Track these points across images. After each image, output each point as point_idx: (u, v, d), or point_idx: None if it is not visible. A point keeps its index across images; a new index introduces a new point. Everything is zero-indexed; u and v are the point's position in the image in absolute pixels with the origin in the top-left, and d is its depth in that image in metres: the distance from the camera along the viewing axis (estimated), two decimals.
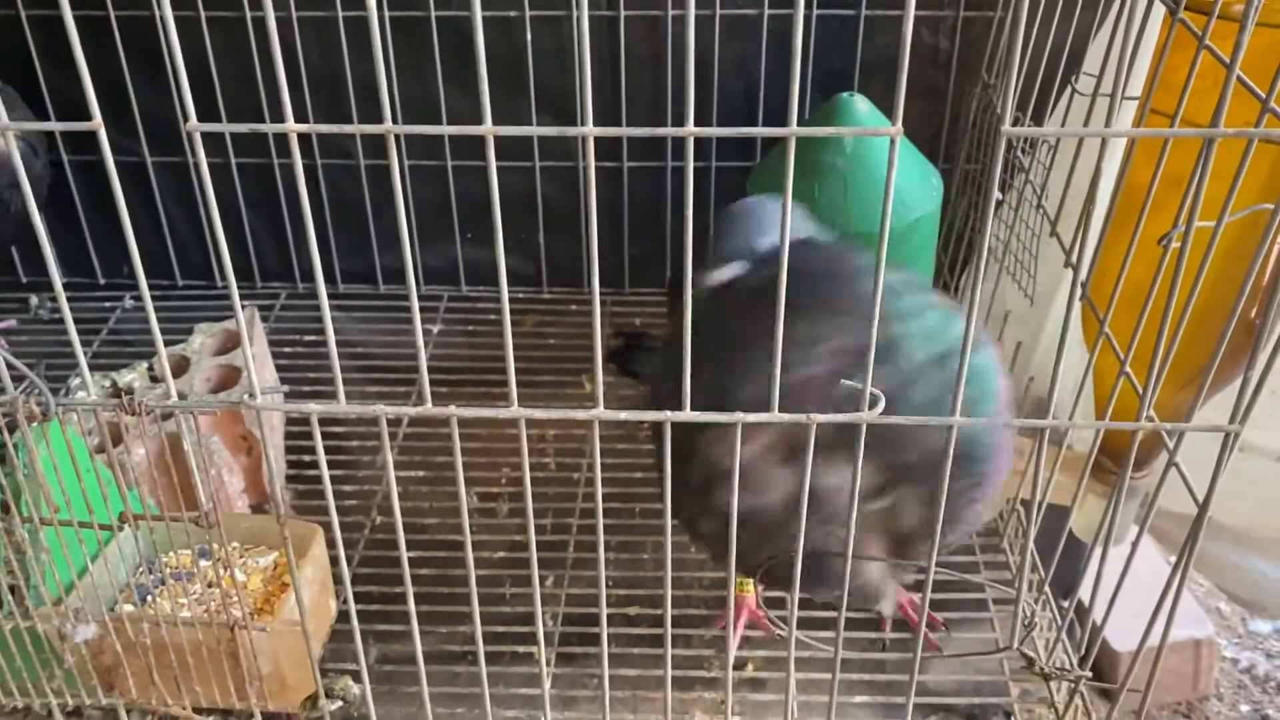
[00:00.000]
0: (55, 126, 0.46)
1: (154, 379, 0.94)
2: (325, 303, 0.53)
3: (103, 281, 1.24)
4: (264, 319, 1.15)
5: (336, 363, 0.56)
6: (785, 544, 0.63)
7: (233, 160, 1.15)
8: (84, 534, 0.66)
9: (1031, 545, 0.72)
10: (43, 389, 0.57)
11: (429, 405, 0.57)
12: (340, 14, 1.06)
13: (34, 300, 1.22)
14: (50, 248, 0.54)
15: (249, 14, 1.06)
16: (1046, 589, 0.82)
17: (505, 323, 0.53)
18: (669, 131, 0.47)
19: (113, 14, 1.06)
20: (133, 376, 0.93)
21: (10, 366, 0.57)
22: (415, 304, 0.53)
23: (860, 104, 0.89)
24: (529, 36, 1.06)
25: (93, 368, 1.14)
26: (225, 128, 0.48)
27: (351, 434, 1.04)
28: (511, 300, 1.19)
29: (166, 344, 1.10)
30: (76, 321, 1.30)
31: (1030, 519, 0.72)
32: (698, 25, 1.06)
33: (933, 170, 0.94)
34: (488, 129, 0.48)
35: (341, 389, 0.57)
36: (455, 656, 0.83)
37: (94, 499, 0.61)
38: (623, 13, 1.06)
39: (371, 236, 1.19)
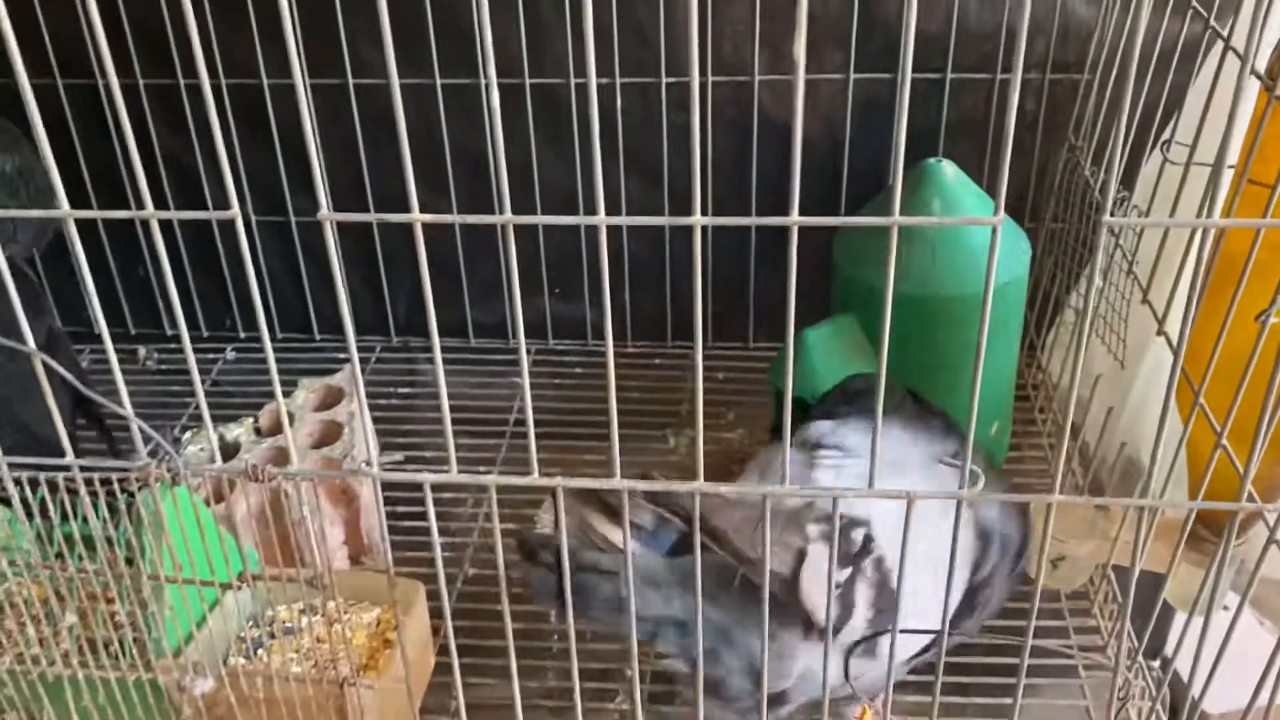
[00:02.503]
0: (207, 215, 0.49)
1: (258, 431, 0.98)
2: (442, 377, 0.56)
3: (206, 334, 1.29)
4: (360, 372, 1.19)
5: (450, 432, 0.58)
6: None
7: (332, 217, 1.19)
8: (199, 588, 0.69)
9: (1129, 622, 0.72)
10: (172, 454, 0.60)
11: (536, 475, 0.59)
12: (439, 81, 1.10)
13: (141, 351, 1.28)
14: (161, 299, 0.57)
15: (351, 80, 1.10)
16: (1140, 658, 0.81)
17: (611, 396, 0.55)
18: (785, 221, 0.49)
19: (224, 82, 1.12)
20: (239, 431, 0.96)
21: (141, 430, 0.61)
22: (526, 380, 0.55)
23: (948, 169, 0.90)
24: (619, 102, 1.10)
25: (198, 417, 1.20)
26: (358, 217, 0.51)
27: (443, 485, 1.07)
28: (596, 353, 1.22)
29: (264, 395, 1.15)
30: (181, 373, 1.35)
31: (1127, 589, 0.72)
32: (782, 89, 1.09)
33: (1021, 233, 0.94)
34: (600, 219, 0.50)
35: (454, 456, 0.59)
36: (541, 706, 0.86)
37: (210, 553, 0.65)
38: (711, 78, 1.08)
39: (464, 290, 1.22)
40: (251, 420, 0.98)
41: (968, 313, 0.90)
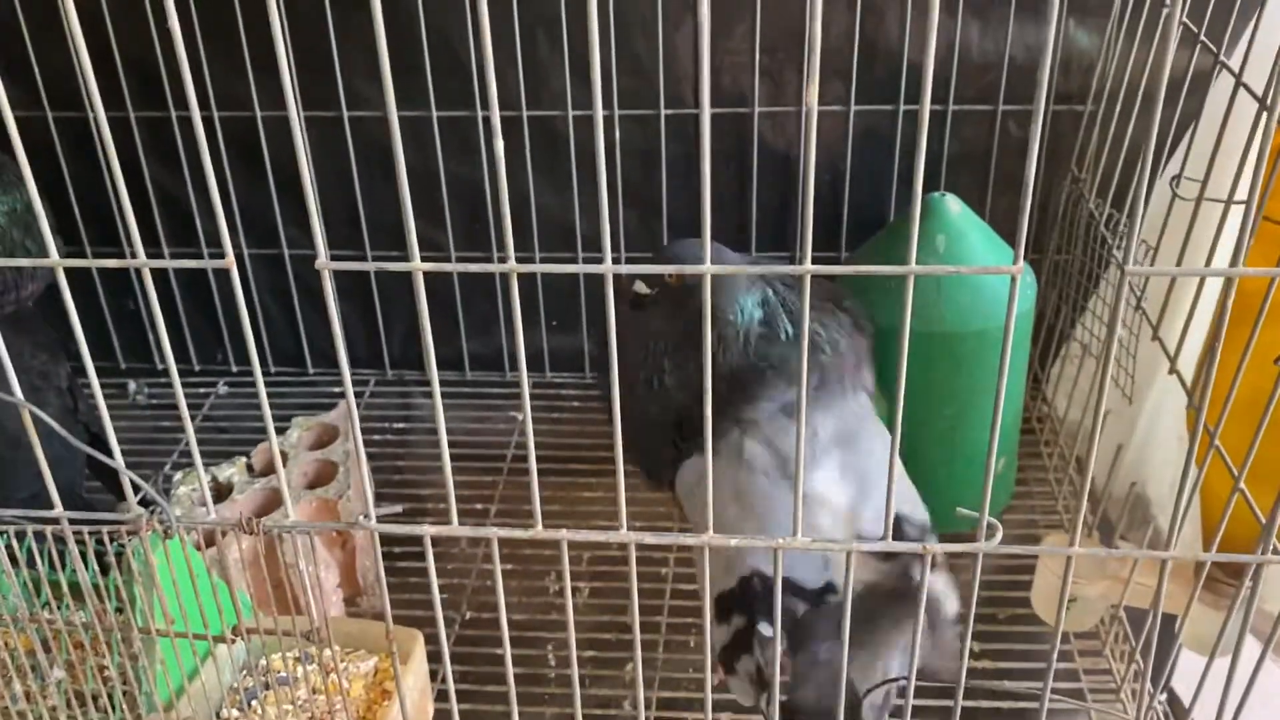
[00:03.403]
0: (201, 264, 0.48)
1: (250, 469, 0.96)
2: (443, 425, 0.54)
3: (197, 368, 1.27)
4: None
5: (450, 482, 0.56)
6: None
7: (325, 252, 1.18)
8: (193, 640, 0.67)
9: (1143, 661, 0.70)
10: (165, 507, 0.58)
11: (540, 529, 0.57)
12: (434, 114, 1.09)
13: (132, 386, 1.26)
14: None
15: (346, 113, 1.09)
16: (1157, 703, 0.79)
17: (617, 452, 0.53)
18: (797, 270, 0.47)
19: (216, 114, 1.10)
20: (232, 471, 0.94)
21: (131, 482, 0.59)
22: (530, 425, 0.53)
23: (952, 204, 0.89)
24: (617, 133, 1.08)
25: (189, 453, 1.17)
26: (357, 266, 0.49)
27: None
28: (594, 385, 1.20)
29: (261, 431, 1.13)
30: (172, 407, 1.32)
31: (1139, 630, 0.71)
32: (782, 120, 1.08)
33: (1026, 268, 0.93)
34: (607, 267, 0.48)
35: (454, 508, 0.57)
36: None
37: (203, 603, 0.63)
38: (706, 111, 1.07)
39: (460, 325, 1.21)
40: (244, 459, 0.96)
41: (973, 349, 0.89)
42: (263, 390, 0.55)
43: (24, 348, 0.95)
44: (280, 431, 1.00)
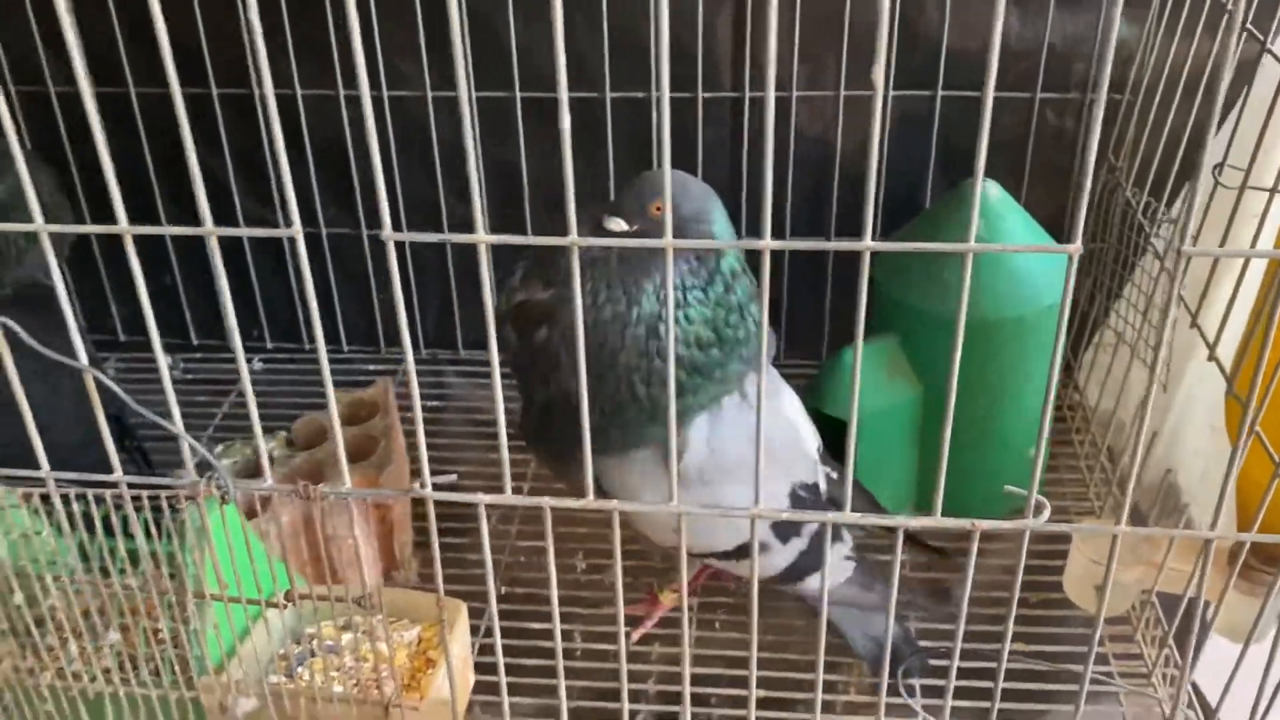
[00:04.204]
0: (275, 233, 0.49)
1: (290, 444, 0.97)
2: (500, 398, 0.55)
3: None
4: None
5: (506, 454, 0.57)
6: None
7: (364, 233, 1.19)
8: (238, 606, 0.69)
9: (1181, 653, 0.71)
10: (222, 471, 0.60)
11: (591, 499, 0.58)
12: (473, 94, 1.09)
13: (168, 360, 1.27)
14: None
15: (386, 93, 1.10)
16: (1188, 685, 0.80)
17: (671, 430, 0.54)
18: (858, 246, 0.48)
19: (255, 91, 1.11)
20: (273, 445, 0.96)
21: (191, 449, 0.60)
22: (584, 408, 0.54)
23: (991, 190, 0.90)
24: (653, 116, 1.09)
25: (224, 429, 1.19)
26: (425, 237, 0.50)
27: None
28: None
29: (297, 407, 1.15)
30: (207, 383, 1.33)
31: (1173, 616, 0.71)
32: (820, 104, 1.08)
33: (1064, 255, 0.93)
34: (668, 241, 0.49)
35: (508, 476, 0.58)
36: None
37: (248, 571, 0.64)
38: (747, 94, 1.08)
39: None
40: (284, 433, 0.97)
41: (1010, 336, 0.90)
42: (325, 362, 0.56)
43: (36, 329, 0.96)
44: (322, 408, 1.01)
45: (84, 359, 0.62)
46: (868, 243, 0.48)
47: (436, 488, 0.59)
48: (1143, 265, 1.01)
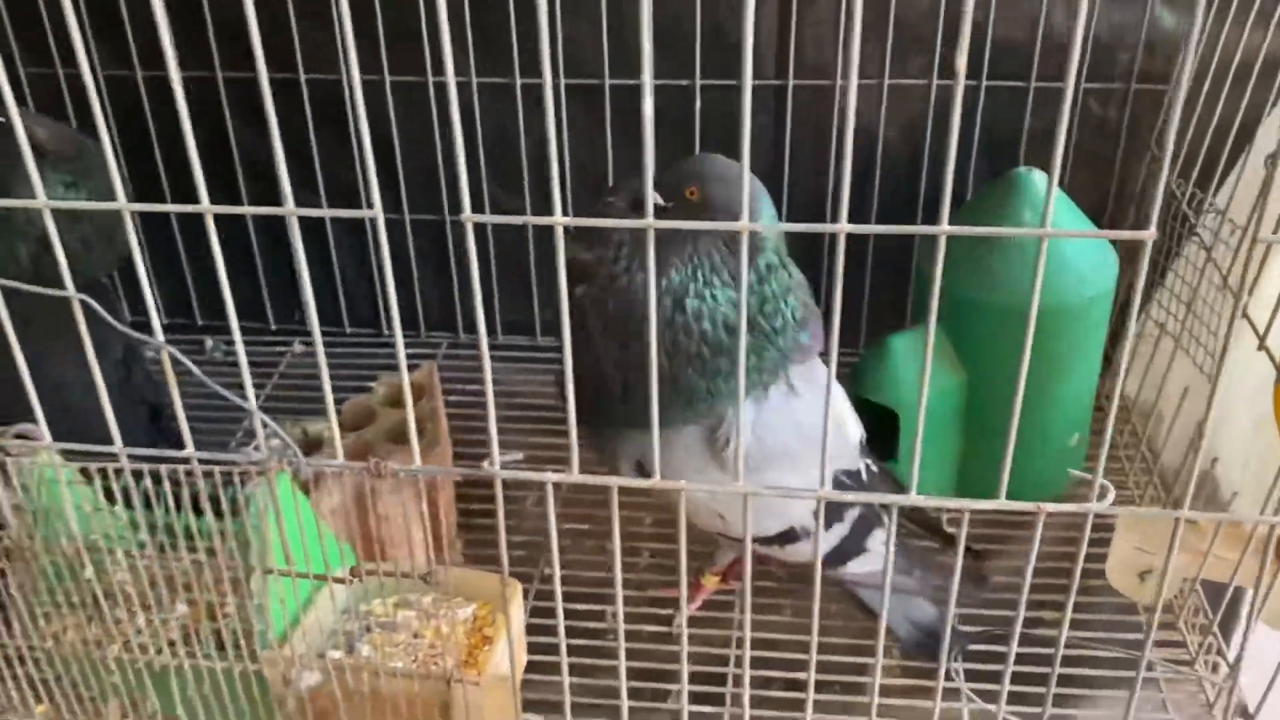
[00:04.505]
0: (358, 214, 0.50)
1: (340, 426, 0.98)
2: (570, 378, 0.56)
3: (274, 327, 1.30)
4: None
5: (574, 432, 0.58)
6: None
7: (407, 216, 1.20)
8: (299, 581, 0.70)
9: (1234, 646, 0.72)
10: (295, 450, 0.61)
11: (659, 479, 0.59)
12: (517, 81, 1.10)
13: (209, 342, 1.29)
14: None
15: (431, 79, 1.11)
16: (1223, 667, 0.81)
17: (738, 415, 0.55)
18: (935, 230, 0.49)
19: (303, 76, 1.12)
20: (322, 426, 0.97)
21: (264, 425, 0.61)
22: (654, 389, 0.55)
23: (1039, 179, 0.90)
24: (698, 104, 1.10)
25: (267, 410, 1.20)
26: (504, 220, 0.51)
27: (514, 482, 1.08)
28: None
29: (335, 390, 1.16)
30: (250, 365, 1.34)
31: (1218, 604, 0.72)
32: (864, 92, 1.09)
33: (1109, 246, 0.94)
34: (745, 225, 0.50)
35: (575, 456, 0.59)
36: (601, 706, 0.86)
37: (312, 547, 0.65)
38: (791, 81, 1.08)
39: (533, 289, 1.22)
40: (335, 414, 0.98)
41: (1057, 324, 0.90)
42: (401, 344, 0.57)
43: (92, 321, 0.97)
44: (365, 390, 1.02)
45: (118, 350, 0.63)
46: (944, 227, 0.49)
47: (504, 466, 0.60)
48: (1186, 255, 1.01)
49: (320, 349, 0.59)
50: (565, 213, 0.49)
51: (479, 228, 1.15)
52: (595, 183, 1.14)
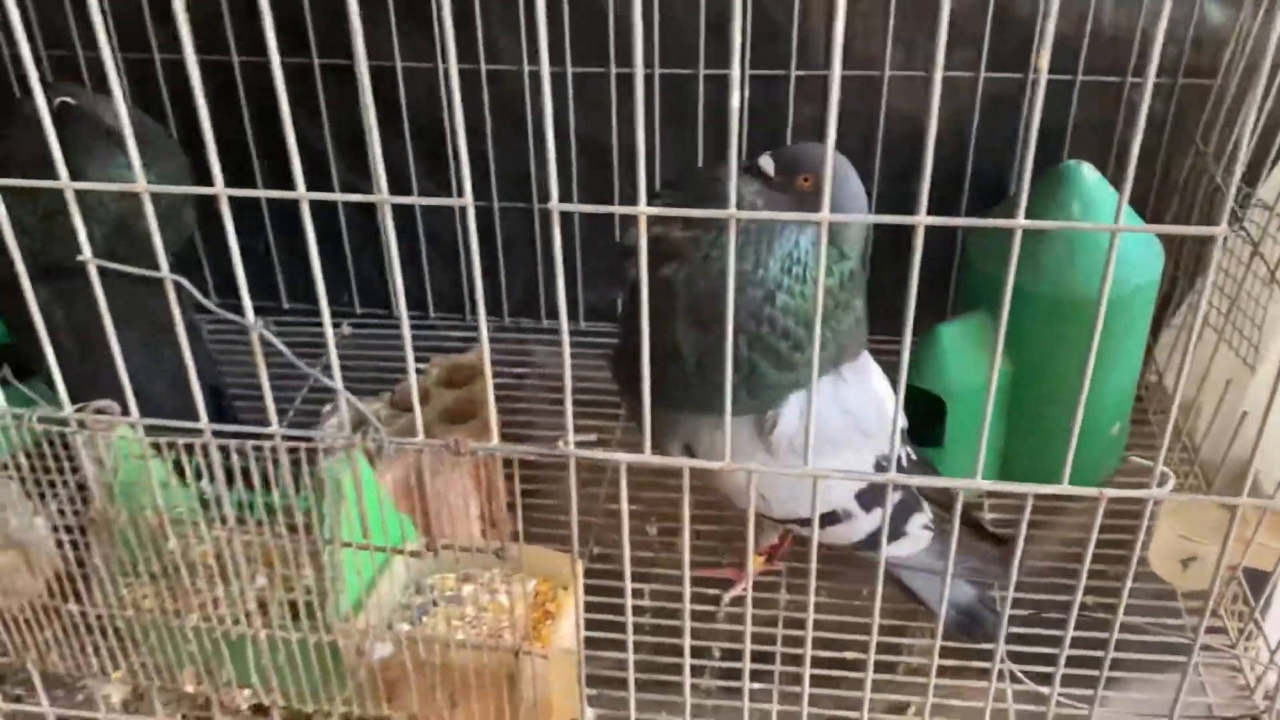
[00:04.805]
0: (448, 202, 0.52)
1: (394, 406, 1.00)
2: (646, 367, 0.58)
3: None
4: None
5: (648, 418, 0.60)
6: None
7: (535, 206, 1.23)
8: (369, 554, 0.72)
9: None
10: (380, 429, 0.63)
11: (729, 462, 0.61)
12: (570, 70, 1.12)
13: (256, 322, 1.31)
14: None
15: (484, 66, 1.13)
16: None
17: (813, 384, 0.57)
18: (1009, 223, 0.50)
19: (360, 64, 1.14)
20: (377, 405, 0.99)
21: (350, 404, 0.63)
22: (729, 373, 0.57)
23: (1088, 173, 0.91)
24: (747, 94, 1.11)
25: (319, 389, 1.22)
26: (588, 209, 0.53)
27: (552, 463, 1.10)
28: None
29: (387, 371, 1.18)
30: (296, 345, 1.37)
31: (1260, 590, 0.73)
32: (911, 85, 1.10)
33: (1154, 238, 0.95)
34: (824, 217, 0.52)
35: (648, 439, 0.61)
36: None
37: (378, 521, 0.68)
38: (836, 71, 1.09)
39: (578, 272, 1.24)
40: (389, 394, 1.01)
41: (1105, 315, 0.91)
42: (484, 325, 0.59)
43: (146, 298, 0.99)
44: (420, 372, 1.05)
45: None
46: (1020, 220, 0.51)
47: (578, 446, 0.62)
48: (1229, 247, 1.02)
49: (407, 330, 0.61)
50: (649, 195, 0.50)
51: (529, 212, 1.17)
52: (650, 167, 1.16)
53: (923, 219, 0.51)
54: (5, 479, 0.73)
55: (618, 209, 0.53)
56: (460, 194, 0.54)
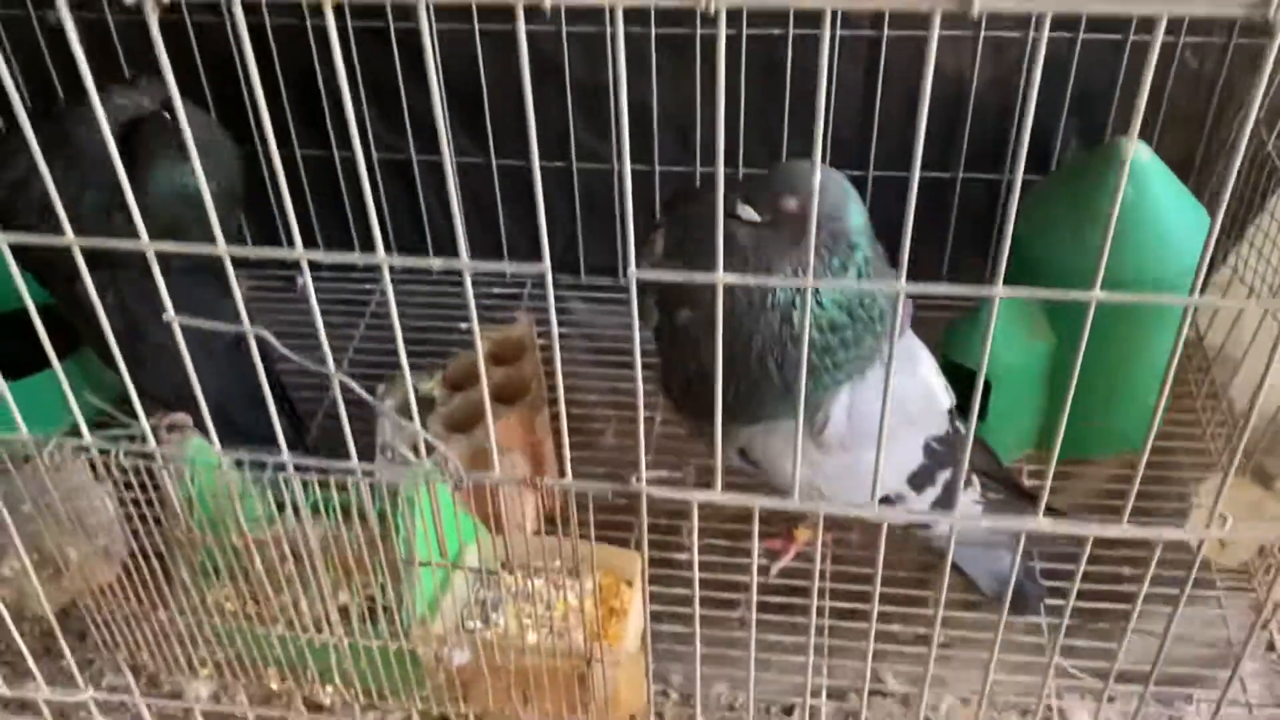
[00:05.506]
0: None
1: (447, 385, 1.01)
2: (718, 408, 0.59)
3: (360, 264, 1.32)
4: None
5: (719, 452, 0.62)
6: None
7: (494, 158, 1.22)
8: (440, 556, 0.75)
9: None
10: (456, 465, 0.65)
11: (797, 499, 0.63)
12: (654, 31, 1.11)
13: (300, 279, 1.32)
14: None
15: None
16: None
17: (888, 379, 0.58)
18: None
19: (391, 25, 1.13)
20: (431, 384, 1.00)
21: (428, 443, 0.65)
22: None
23: (1142, 152, 0.91)
24: (789, 54, 1.10)
25: (362, 350, 1.24)
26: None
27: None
28: None
29: (426, 330, 1.19)
30: (339, 303, 1.37)
31: None
32: (958, 44, 1.08)
33: (1203, 212, 0.95)
34: (809, 282, 0.52)
35: (719, 478, 0.63)
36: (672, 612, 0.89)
37: (450, 525, 0.70)
38: (886, 32, 1.08)
39: (616, 230, 1.25)
40: (440, 373, 1.02)
41: (1155, 293, 0.92)
42: (551, 288, 0.60)
43: (205, 296, 0.99)
44: (453, 329, 1.06)
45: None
46: (998, 289, 0.51)
47: (650, 483, 0.64)
48: (1269, 208, 1.02)
49: (473, 310, 0.62)
50: None
51: (564, 171, 1.15)
52: (680, 132, 1.15)
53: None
54: (74, 460, 0.72)
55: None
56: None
